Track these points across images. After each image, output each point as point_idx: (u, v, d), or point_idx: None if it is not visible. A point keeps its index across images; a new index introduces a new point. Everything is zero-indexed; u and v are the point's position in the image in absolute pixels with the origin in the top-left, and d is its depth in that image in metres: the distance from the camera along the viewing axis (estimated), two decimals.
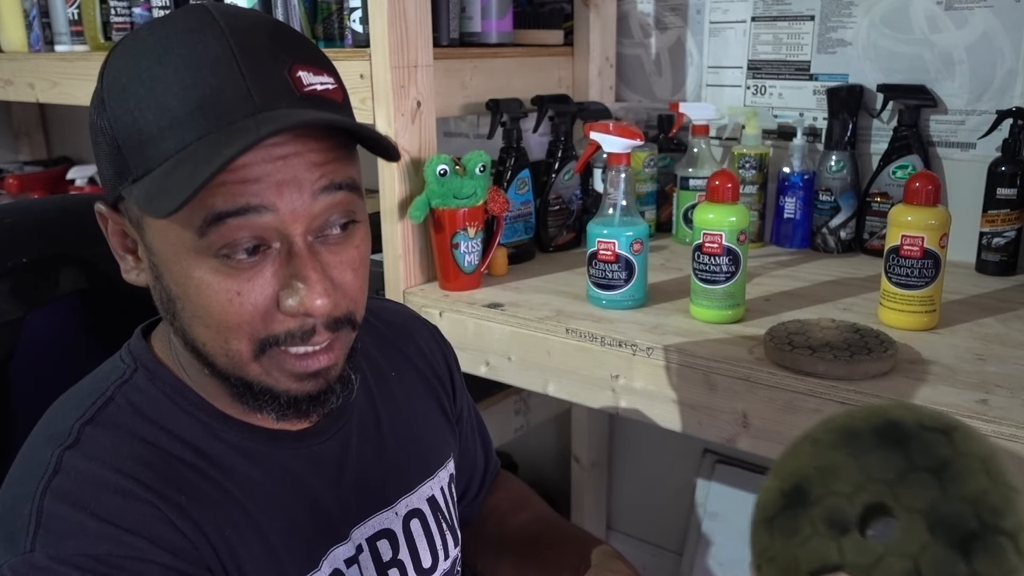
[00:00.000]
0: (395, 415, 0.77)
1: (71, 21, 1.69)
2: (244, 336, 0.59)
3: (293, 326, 0.59)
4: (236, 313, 0.58)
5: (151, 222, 0.58)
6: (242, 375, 0.61)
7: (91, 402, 0.63)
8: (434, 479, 0.79)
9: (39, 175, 2.32)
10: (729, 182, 1.04)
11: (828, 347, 0.90)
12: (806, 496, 0.49)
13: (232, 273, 0.57)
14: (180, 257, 0.58)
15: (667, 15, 1.57)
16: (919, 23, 1.31)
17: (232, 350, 0.60)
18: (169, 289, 0.60)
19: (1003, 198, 1.21)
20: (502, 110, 1.34)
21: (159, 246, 0.59)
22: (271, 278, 0.58)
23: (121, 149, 0.57)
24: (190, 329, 0.60)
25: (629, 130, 1.13)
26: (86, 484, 0.58)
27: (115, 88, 0.57)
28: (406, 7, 1.15)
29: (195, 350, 0.62)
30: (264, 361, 0.60)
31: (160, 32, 0.58)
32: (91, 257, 0.82)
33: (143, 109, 0.55)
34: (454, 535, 0.80)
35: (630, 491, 1.89)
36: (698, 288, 1.06)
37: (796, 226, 1.39)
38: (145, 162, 0.56)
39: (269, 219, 0.56)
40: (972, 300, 1.13)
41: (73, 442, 0.60)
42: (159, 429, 0.63)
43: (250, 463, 0.65)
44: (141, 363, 0.66)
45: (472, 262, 1.23)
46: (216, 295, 0.57)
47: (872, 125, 1.38)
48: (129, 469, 0.59)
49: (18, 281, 0.77)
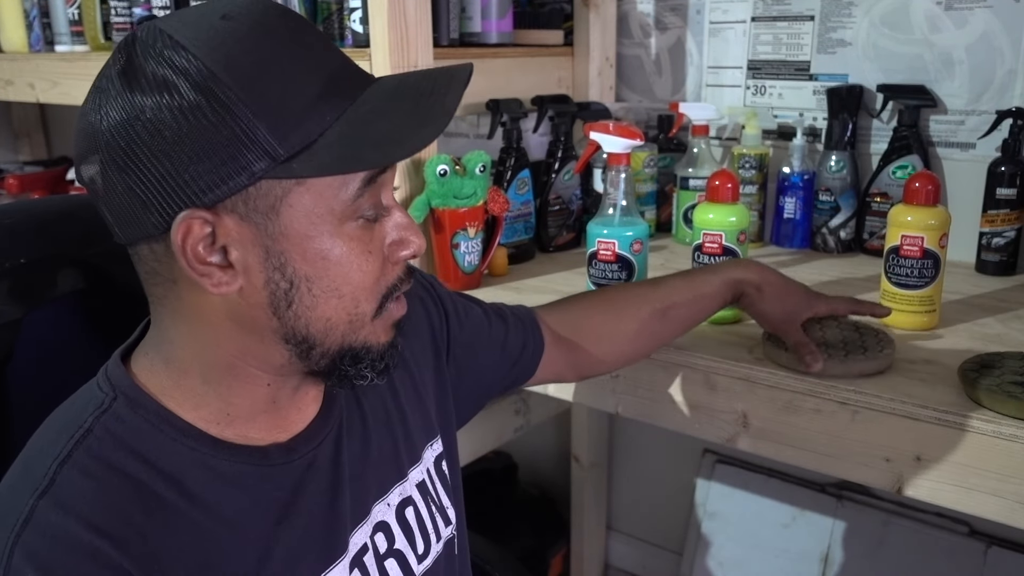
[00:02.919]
0: (377, 402, 0.76)
1: (71, 21, 1.69)
2: (373, 295, 0.63)
3: (401, 273, 0.65)
4: (371, 271, 0.62)
5: (293, 200, 0.58)
6: (351, 341, 0.63)
7: (68, 436, 0.59)
8: (420, 464, 0.78)
9: (39, 175, 2.32)
10: (729, 182, 1.04)
11: (824, 346, 0.91)
12: None
13: (366, 236, 0.62)
14: (322, 230, 0.59)
15: (667, 15, 1.57)
16: (919, 23, 1.31)
17: (359, 313, 0.63)
18: (294, 273, 0.60)
19: (1003, 198, 1.21)
20: (502, 110, 1.34)
21: (296, 225, 0.59)
22: (385, 233, 0.63)
23: (263, 130, 0.55)
24: (313, 311, 0.61)
25: (629, 130, 1.13)
26: (57, 545, 0.54)
27: (234, 72, 0.55)
28: (406, 7, 1.15)
29: (302, 338, 0.62)
30: (377, 320, 0.64)
31: (245, 17, 0.58)
32: (90, 257, 0.81)
33: (277, 90, 0.57)
34: (444, 517, 0.80)
35: (630, 491, 1.89)
36: None
37: (796, 226, 1.39)
38: (301, 138, 0.57)
39: (390, 177, 0.63)
40: (972, 300, 1.13)
41: (48, 485, 0.56)
42: (141, 462, 0.59)
43: (240, 492, 0.62)
44: (120, 391, 0.62)
45: (472, 262, 1.23)
46: (357, 258, 0.61)
47: (872, 125, 1.38)
48: (103, 523, 0.56)
49: (17, 281, 0.77)
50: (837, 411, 0.87)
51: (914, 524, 1.46)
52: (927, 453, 0.82)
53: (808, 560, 1.58)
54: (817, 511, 1.57)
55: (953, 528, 1.43)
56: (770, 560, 1.62)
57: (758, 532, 1.64)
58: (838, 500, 1.55)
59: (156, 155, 0.55)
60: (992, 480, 0.79)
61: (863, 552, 1.52)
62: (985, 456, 0.79)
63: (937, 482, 0.82)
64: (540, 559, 1.83)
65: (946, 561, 1.43)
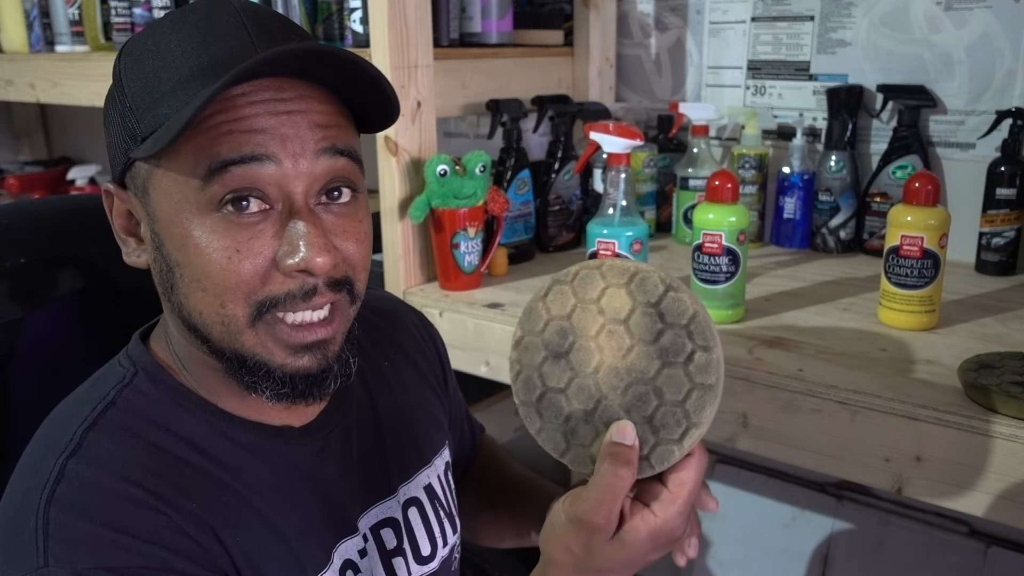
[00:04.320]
0: (391, 404, 0.77)
1: (72, 21, 1.69)
2: (240, 298, 0.58)
3: (293, 287, 0.59)
4: (234, 271, 0.57)
5: (155, 183, 0.59)
6: (237, 347, 0.60)
7: (91, 407, 0.61)
8: (430, 467, 0.79)
9: (39, 175, 2.32)
10: (729, 182, 1.04)
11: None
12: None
13: (232, 230, 0.57)
14: (182, 216, 0.58)
15: (667, 15, 1.57)
16: (919, 23, 1.31)
17: (228, 315, 0.59)
18: (169, 256, 0.60)
19: (1002, 198, 1.21)
20: (502, 110, 1.34)
21: (162, 208, 0.59)
22: (271, 238, 0.58)
23: (133, 113, 0.58)
24: (187, 299, 0.60)
25: (629, 130, 1.13)
26: (94, 493, 0.56)
27: (130, 62, 0.60)
28: (406, 7, 1.15)
29: (192, 326, 0.61)
30: (260, 329, 0.60)
31: (177, 13, 0.61)
32: (90, 257, 0.81)
33: (156, 72, 0.57)
34: (452, 522, 0.81)
35: None
36: (698, 288, 1.06)
37: (796, 226, 1.39)
38: (155, 119, 0.57)
39: (271, 170, 0.57)
40: (972, 300, 1.13)
41: (75, 448, 0.58)
42: (164, 431, 0.61)
43: (259, 461, 0.64)
44: (141, 366, 0.65)
45: (472, 262, 1.23)
46: (215, 252, 0.57)
47: (872, 125, 1.38)
48: (137, 476, 0.58)
49: (17, 282, 0.77)
50: (837, 411, 0.87)
51: (914, 524, 1.46)
52: (927, 453, 0.82)
53: (808, 560, 1.58)
54: (817, 511, 1.57)
55: (953, 528, 1.43)
56: (770, 560, 1.62)
57: (758, 532, 1.64)
58: (838, 500, 1.55)
59: (109, 135, 0.62)
60: (992, 480, 0.79)
61: (863, 552, 1.52)
62: (985, 456, 0.79)
63: (937, 482, 0.82)
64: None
65: (946, 561, 1.43)
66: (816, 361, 0.93)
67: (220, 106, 0.56)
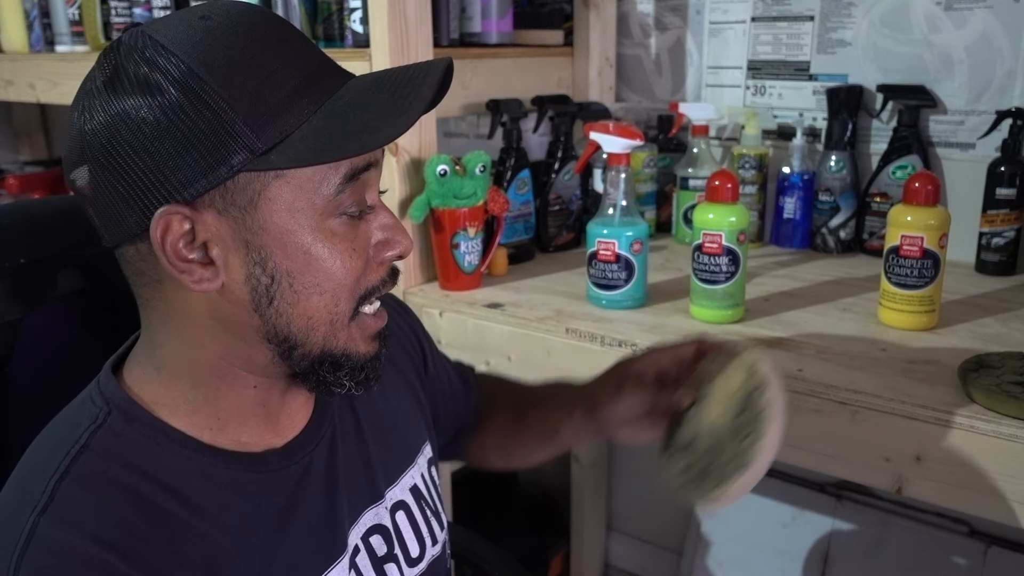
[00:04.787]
0: (371, 409, 0.77)
1: (72, 21, 1.69)
2: (354, 293, 0.63)
3: (384, 274, 0.65)
4: (353, 268, 0.62)
5: (273, 194, 0.58)
6: (331, 344, 0.63)
7: (64, 453, 0.58)
8: (414, 467, 0.79)
9: (39, 175, 2.32)
10: (729, 182, 1.04)
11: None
12: None
13: (351, 233, 0.61)
14: (302, 225, 0.59)
15: (667, 15, 1.57)
16: (919, 23, 1.31)
17: (339, 312, 0.62)
18: (275, 268, 0.59)
19: (1002, 198, 1.21)
20: (502, 110, 1.34)
21: (276, 220, 0.58)
22: (370, 233, 0.63)
23: (240, 124, 0.56)
24: (295, 307, 0.61)
25: (629, 130, 1.13)
26: (62, 561, 0.54)
27: (211, 68, 0.56)
28: (406, 7, 1.15)
29: (283, 337, 0.62)
30: (353, 324, 0.64)
31: (227, 25, 0.58)
32: (90, 258, 0.81)
33: (257, 84, 0.57)
34: (438, 520, 0.80)
35: (630, 491, 1.89)
36: (698, 288, 1.06)
37: (796, 226, 1.39)
38: (278, 131, 0.57)
39: (375, 176, 0.63)
40: (972, 300, 1.13)
41: (47, 503, 0.56)
42: (140, 476, 0.59)
43: (241, 499, 0.63)
44: (114, 404, 0.61)
45: (472, 262, 1.23)
46: (340, 254, 0.61)
47: (872, 125, 1.38)
48: (107, 535, 0.55)
49: (16, 282, 0.77)
50: (837, 411, 0.87)
51: (914, 524, 1.46)
52: (927, 453, 0.82)
53: (808, 560, 1.58)
54: (817, 511, 1.57)
55: (953, 528, 1.43)
56: (770, 560, 1.62)
57: (758, 532, 1.64)
58: (838, 500, 1.55)
59: (137, 152, 0.56)
60: (992, 480, 0.79)
61: (863, 552, 1.52)
62: (985, 456, 0.79)
63: (937, 482, 0.82)
64: (540, 559, 1.83)
65: (946, 561, 1.43)
66: (816, 361, 0.93)
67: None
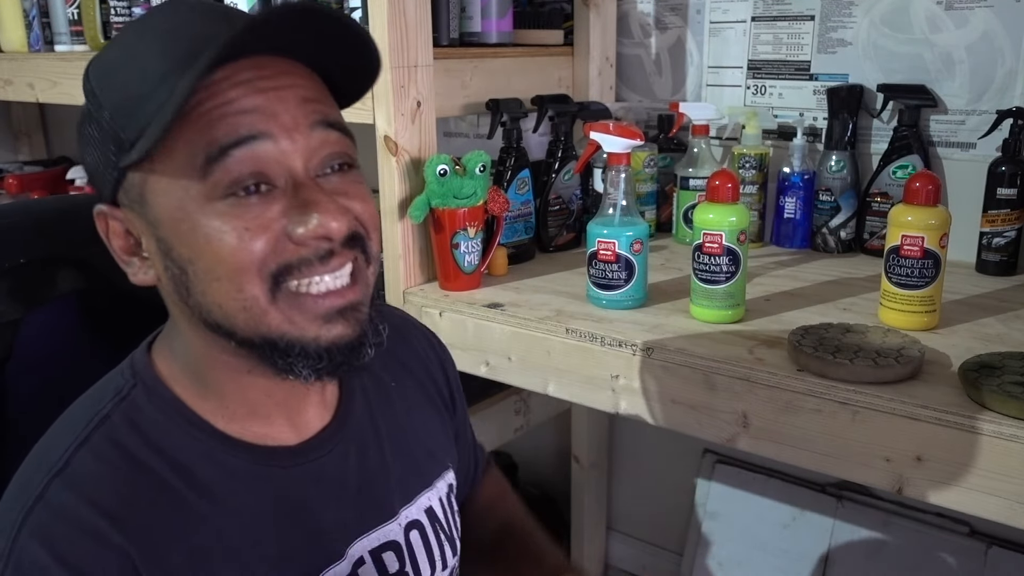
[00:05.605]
0: (393, 425, 0.76)
1: (71, 21, 1.69)
2: (255, 276, 0.57)
3: (306, 253, 0.58)
4: (248, 251, 0.57)
5: (152, 187, 0.58)
6: (264, 330, 0.59)
7: (87, 421, 0.61)
8: (432, 490, 0.78)
9: (39, 175, 2.32)
10: (729, 182, 1.04)
11: (859, 351, 0.90)
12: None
13: (239, 212, 0.57)
14: (187, 213, 0.57)
15: (667, 15, 1.57)
16: (919, 23, 1.31)
17: (248, 297, 0.58)
18: (180, 258, 0.58)
19: (1003, 198, 1.21)
20: (502, 110, 1.34)
21: (164, 211, 0.58)
22: (279, 213, 0.57)
23: (116, 123, 0.57)
24: (204, 295, 0.59)
25: (629, 130, 1.13)
26: (61, 523, 0.57)
27: (101, 75, 0.60)
28: (406, 7, 1.15)
29: (214, 324, 0.60)
30: (282, 305, 0.58)
31: (136, 24, 0.62)
32: (89, 257, 0.81)
33: (131, 78, 0.57)
34: (452, 546, 0.79)
35: (630, 491, 1.89)
36: (698, 288, 1.06)
37: (796, 226, 1.39)
38: (141, 121, 0.56)
39: (269, 148, 0.57)
40: (972, 300, 1.13)
41: (62, 468, 0.59)
42: (154, 450, 0.61)
43: (245, 488, 0.63)
44: (140, 379, 0.64)
45: (472, 262, 1.22)
46: (227, 236, 0.56)
47: (872, 125, 1.38)
48: (109, 505, 0.58)
49: (16, 281, 0.77)
50: (837, 411, 0.87)
51: (914, 524, 1.46)
52: (927, 453, 0.82)
53: (808, 560, 1.58)
54: (817, 511, 1.57)
55: (953, 528, 1.43)
56: (770, 560, 1.62)
57: (758, 532, 1.64)
58: (838, 500, 1.55)
59: (87, 155, 0.61)
60: (992, 480, 0.79)
61: (863, 552, 1.52)
62: (985, 456, 0.79)
63: (937, 482, 0.82)
64: None
65: (946, 561, 1.43)
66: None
67: (204, 94, 0.55)
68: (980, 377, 0.83)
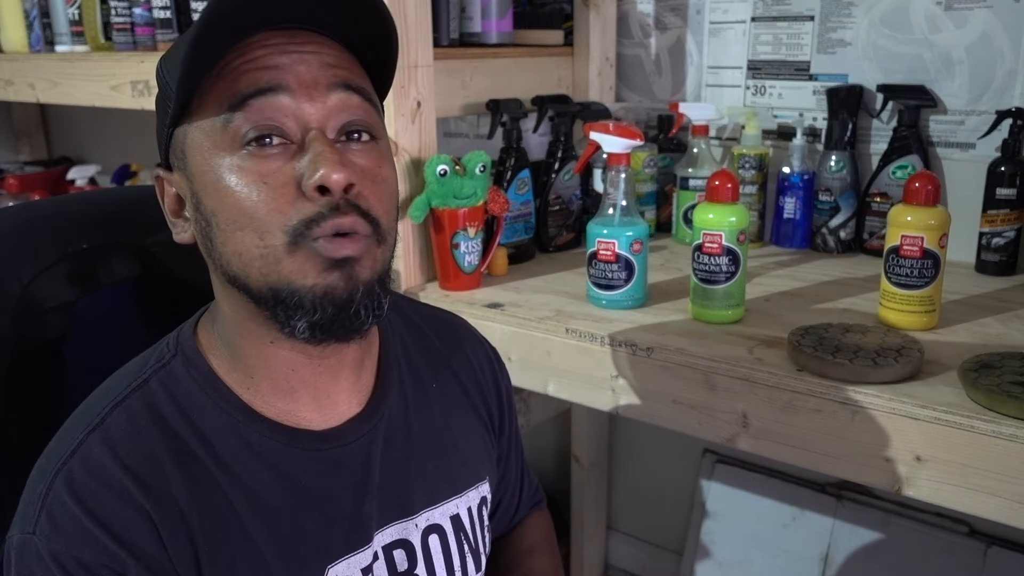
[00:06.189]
0: (429, 426, 0.75)
1: (71, 21, 1.69)
2: (277, 227, 0.60)
3: (321, 206, 0.60)
4: (266, 200, 0.60)
5: (190, 142, 0.62)
6: (274, 278, 0.60)
7: (127, 384, 0.65)
8: (461, 498, 0.76)
9: (39, 175, 2.32)
10: (729, 182, 1.04)
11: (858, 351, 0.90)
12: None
13: (257, 163, 0.60)
14: (211, 165, 0.61)
15: (667, 15, 1.57)
16: (919, 23, 1.31)
17: (267, 246, 0.60)
18: (205, 210, 0.62)
19: (1003, 198, 1.21)
20: (502, 110, 1.34)
21: (196, 165, 0.62)
22: (294, 164, 0.60)
23: (167, 90, 0.62)
24: (226, 245, 0.61)
25: (629, 130, 1.13)
26: (91, 477, 0.60)
27: (165, 57, 0.65)
28: (406, 7, 1.16)
29: (233, 276, 0.62)
30: (298, 255, 0.60)
31: None
32: (148, 246, 0.85)
33: (179, 46, 0.62)
34: (476, 560, 0.78)
35: (630, 491, 1.89)
36: (698, 288, 1.06)
37: (796, 226, 1.39)
38: (175, 81, 0.60)
39: (287, 102, 0.60)
40: (972, 300, 1.13)
41: (99, 423, 0.63)
42: (184, 419, 0.64)
43: (264, 466, 0.65)
44: (181, 349, 0.67)
45: (472, 262, 1.23)
46: (246, 186, 0.60)
47: (872, 125, 1.38)
48: (137, 466, 0.61)
49: (77, 265, 0.81)
50: (837, 411, 0.87)
51: (914, 524, 1.46)
52: (927, 453, 0.82)
53: (808, 560, 1.58)
54: (817, 511, 1.57)
55: (953, 528, 1.43)
56: (770, 560, 1.62)
57: (758, 532, 1.64)
58: (838, 500, 1.55)
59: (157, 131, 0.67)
60: (992, 480, 0.79)
61: (863, 552, 1.52)
62: (985, 456, 0.79)
63: (937, 482, 0.83)
64: None
65: (946, 561, 1.43)
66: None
67: (235, 53, 0.60)
68: (980, 377, 0.83)
